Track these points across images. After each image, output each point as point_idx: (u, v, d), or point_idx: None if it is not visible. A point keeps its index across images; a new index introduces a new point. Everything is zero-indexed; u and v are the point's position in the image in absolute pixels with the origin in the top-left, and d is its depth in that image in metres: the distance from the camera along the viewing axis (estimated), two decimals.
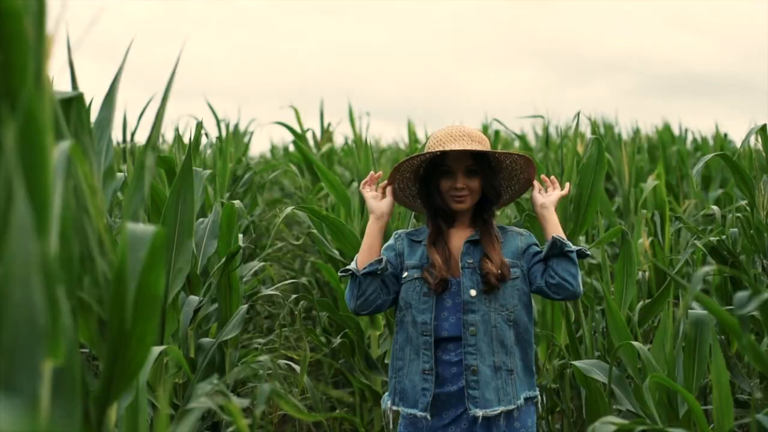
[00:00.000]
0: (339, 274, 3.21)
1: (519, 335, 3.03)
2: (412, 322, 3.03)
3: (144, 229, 1.50)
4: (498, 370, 2.97)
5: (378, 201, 3.15)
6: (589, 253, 3.10)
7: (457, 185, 3.04)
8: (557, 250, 2.99)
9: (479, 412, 2.92)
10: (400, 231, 3.25)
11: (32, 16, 1.27)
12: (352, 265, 3.09)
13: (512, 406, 2.97)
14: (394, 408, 3.08)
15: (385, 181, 3.18)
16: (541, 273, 3.03)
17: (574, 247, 3.02)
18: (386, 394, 3.17)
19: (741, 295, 1.95)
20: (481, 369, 2.95)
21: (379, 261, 3.05)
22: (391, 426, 3.18)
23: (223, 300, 3.92)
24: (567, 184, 3.27)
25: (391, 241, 3.20)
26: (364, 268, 3.04)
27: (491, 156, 3.11)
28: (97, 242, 1.62)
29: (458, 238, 3.12)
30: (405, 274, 3.09)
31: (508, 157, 3.14)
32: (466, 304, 2.98)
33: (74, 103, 1.79)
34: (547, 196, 3.14)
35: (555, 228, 3.07)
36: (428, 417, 2.97)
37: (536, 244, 3.12)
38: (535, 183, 3.17)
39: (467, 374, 2.95)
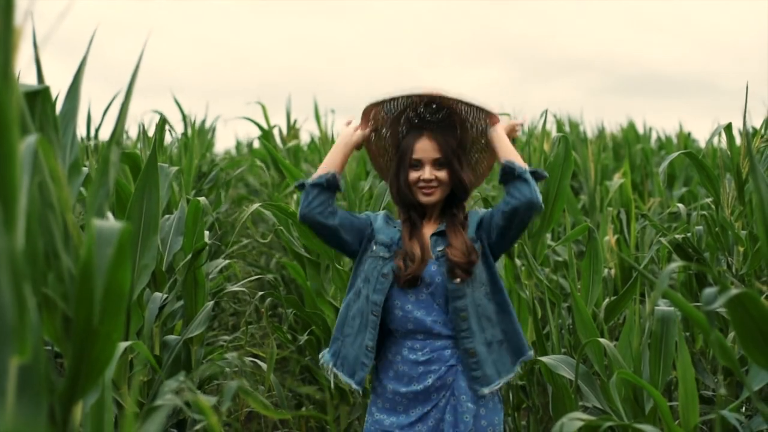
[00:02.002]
0: (294, 185, 3.20)
1: (499, 305, 3.03)
2: (366, 297, 3.04)
3: (111, 225, 1.47)
4: (490, 345, 2.98)
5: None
6: (545, 173, 3.08)
7: (425, 176, 3.02)
8: (510, 175, 2.95)
9: (485, 390, 2.94)
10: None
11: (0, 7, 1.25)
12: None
13: (511, 374, 3.01)
14: (335, 370, 3.10)
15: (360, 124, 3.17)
16: (500, 210, 3.00)
17: (526, 168, 2.96)
18: (327, 351, 3.19)
19: (709, 291, 1.96)
20: (478, 349, 2.96)
21: (328, 173, 3.06)
22: (332, 380, 3.21)
23: (188, 297, 3.90)
24: (523, 120, 3.24)
25: (367, 213, 3.24)
26: (313, 180, 3.06)
27: (460, 139, 3.11)
28: (61, 238, 1.60)
29: (428, 232, 3.10)
30: (374, 248, 3.09)
31: (471, 114, 3.12)
32: (451, 292, 2.96)
33: (40, 97, 1.76)
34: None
35: (507, 150, 3.01)
36: (360, 392, 3.09)
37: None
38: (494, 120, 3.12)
39: (466, 358, 2.95)
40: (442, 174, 3.03)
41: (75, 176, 2.03)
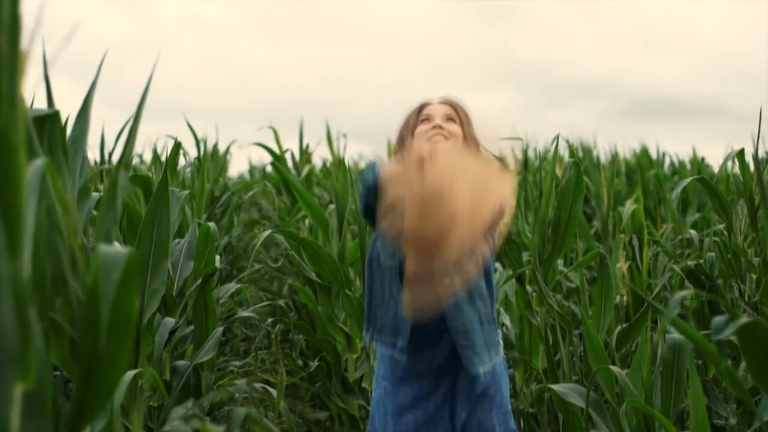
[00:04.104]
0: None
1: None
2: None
3: (117, 250, 1.47)
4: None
5: None
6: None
7: (436, 122, 2.69)
8: None
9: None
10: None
11: (5, 31, 1.25)
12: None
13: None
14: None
15: None
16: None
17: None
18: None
19: (718, 319, 1.94)
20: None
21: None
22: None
23: (199, 322, 3.89)
24: None
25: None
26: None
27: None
28: (69, 262, 1.60)
29: None
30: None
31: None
32: None
33: (49, 121, 1.77)
34: None
35: None
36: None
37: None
38: None
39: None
40: (455, 128, 2.73)
41: (84, 200, 2.04)
